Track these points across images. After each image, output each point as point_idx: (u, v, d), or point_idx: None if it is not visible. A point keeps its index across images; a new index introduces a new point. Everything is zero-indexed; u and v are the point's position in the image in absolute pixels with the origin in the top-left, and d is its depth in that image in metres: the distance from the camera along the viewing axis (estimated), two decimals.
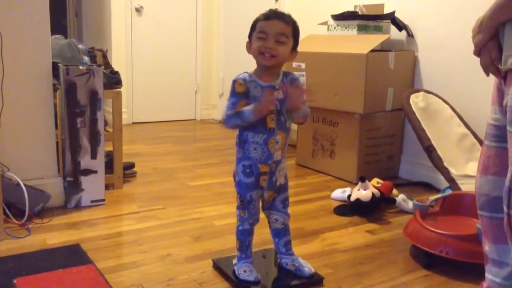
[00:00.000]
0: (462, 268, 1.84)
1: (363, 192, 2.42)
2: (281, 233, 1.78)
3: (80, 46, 2.72)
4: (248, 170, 1.63)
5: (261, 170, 1.63)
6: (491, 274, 1.51)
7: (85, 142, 2.41)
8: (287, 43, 1.57)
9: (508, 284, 1.48)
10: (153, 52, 4.74)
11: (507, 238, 1.37)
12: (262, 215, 1.75)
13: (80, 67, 2.36)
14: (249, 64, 1.67)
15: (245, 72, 1.61)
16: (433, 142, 2.60)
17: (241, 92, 1.58)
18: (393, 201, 2.51)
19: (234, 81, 1.59)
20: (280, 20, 1.56)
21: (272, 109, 1.55)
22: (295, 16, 1.62)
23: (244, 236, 1.72)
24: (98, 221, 2.28)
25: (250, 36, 1.61)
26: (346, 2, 3.35)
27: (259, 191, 1.67)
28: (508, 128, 1.30)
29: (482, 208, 1.51)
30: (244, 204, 1.67)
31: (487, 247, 1.52)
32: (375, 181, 2.62)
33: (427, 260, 1.91)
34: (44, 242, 2.01)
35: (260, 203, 1.74)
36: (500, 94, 1.39)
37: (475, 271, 1.70)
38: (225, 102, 1.62)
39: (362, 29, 3.07)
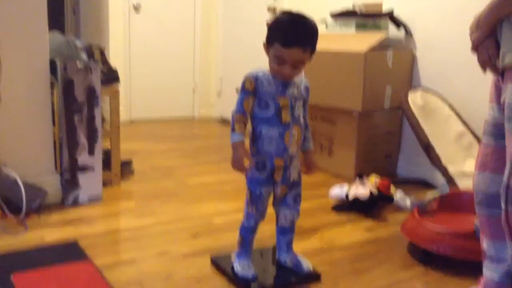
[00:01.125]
0: (459, 265, 1.84)
1: (361, 190, 2.42)
2: (286, 231, 1.78)
3: (77, 43, 2.71)
4: (260, 165, 1.63)
5: (277, 164, 1.63)
6: (489, 271, 1.51)
7: (82, 139, 2.40)
8: (305, 64, 1.58)
9: (506, 281, 1.49)
10: (151, 49, 4.74)
11: (505, 235, 1.37)
12: (268, 211, 1.74)
13: (78, 64, 2.35)
14: (248, 64, 1.67)
15: (260, 69, 1.62)
16: (431, 140, 2.60)
17: (249, 89, 1.60)
18: (391, 199, 2.51)
19: (246, 77, 1.61)
20: (300, 47, 1.52)
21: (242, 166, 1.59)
22: None
23: (248, 232, 1.72)
24: (96, 218, 2.28)
25: (267, 41, 1.58)
26: (344, 0, 3.34)
27: (270, 187, 1.67)
28: (506, 125, 1.30)
29: (480, 205, 1.51)
30: (253, 200, 1.67)
31: (485, 243, 1.52)
32: (373, 178, 2.62)
33: (424, 257, 1.91)
34: (41, 239, 2.01)
35: (271, 200, 1.73)
36: (497, 91, 1.40)
37: (473, 268, 1.70)
38: (224, 100, 1.63)
39: (360, 27, 3.07)
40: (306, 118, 1.72)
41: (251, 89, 1.60)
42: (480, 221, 1.53)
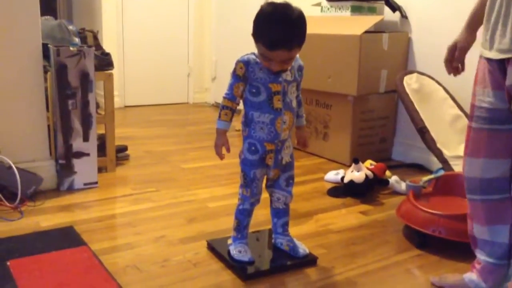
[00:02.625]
0: (454, 247, 1.85)
1: (356, 174, 2.42)
2: (280, 213, 1.78)
3: (70, 27, 2.69)
4: (253, 148, 1.63)
5: (267, 148, 1.63)
6: (484, 255, 1.52)
7: (76, 124, 2.39)
8: (293, 58, 1.57)
9: (502, 263, 1.50)
10: (144, 34, 4.68)
11: (503, 218, 1.39)
12: (263, 196, 1.74)
13: (71, 48, 2.33)
14: (243, 47, 1.65)
15: (252, 53, 1.60)
16: (426, 124, 2.60)
17: (239, 75, 1.59)
18: (386, 182, 2.52)
19: (237, 62, 1.59)
20: (285, 49, 1.49)
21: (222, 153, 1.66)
22: None
23: (243, 216, 1.72)
24: (91, 203, 2.28)
25: (253, 36, 1.54)
26: None
27: (263, 169, 1.67)
28: None
29: (473, 192, 1.51)
30: (247, 182, 1.67)
31: (475, 229, 1.52)
32: (368, 163, 2.63)
33: (420, 240, 1.92)
34: (37, 225, 2.01)
35: (265, 181, 1.74)
36: (492, 77, 1.40)
37: (468, 251, 1.71)
38: (218, 85, 1.62)
39: (355, 10, 3.05)
40: (299, 96, 1.72)
41: (242, 75, 1.59)
42: (472, 207, 1.53)
